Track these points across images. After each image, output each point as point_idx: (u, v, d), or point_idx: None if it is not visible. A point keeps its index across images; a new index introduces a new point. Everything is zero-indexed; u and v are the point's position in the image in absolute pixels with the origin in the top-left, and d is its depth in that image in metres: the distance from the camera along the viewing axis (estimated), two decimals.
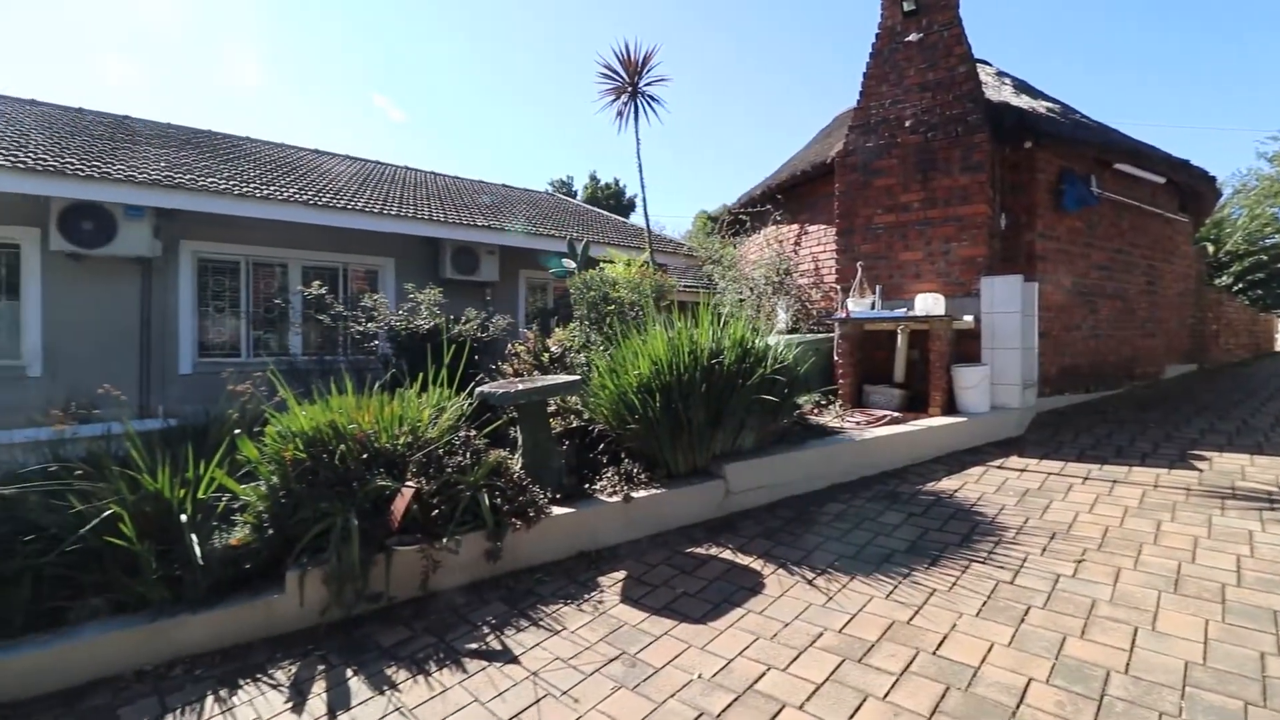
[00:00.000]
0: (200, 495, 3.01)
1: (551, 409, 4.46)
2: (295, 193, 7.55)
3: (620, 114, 7.43)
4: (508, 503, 3.32)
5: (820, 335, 6.64)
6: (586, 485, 3.84)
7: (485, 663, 2.48)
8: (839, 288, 6.72)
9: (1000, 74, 7.87)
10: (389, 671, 2.45)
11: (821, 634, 2.53)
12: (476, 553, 3.14)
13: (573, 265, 6.67)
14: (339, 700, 2.30)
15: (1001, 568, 3.03)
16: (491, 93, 79.18)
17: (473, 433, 3.78)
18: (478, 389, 3.99)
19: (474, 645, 2.61)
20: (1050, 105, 7.05)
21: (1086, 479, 4.32)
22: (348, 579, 2.83)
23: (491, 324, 6.20)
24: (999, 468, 4.71)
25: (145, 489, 2.91)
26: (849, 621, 2.61)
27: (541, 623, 2.76)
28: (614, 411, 4.11)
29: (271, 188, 7.47)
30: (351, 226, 7.67)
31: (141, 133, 8.79)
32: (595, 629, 2.69)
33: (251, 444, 3.18)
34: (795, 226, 8.49)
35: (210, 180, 7.06)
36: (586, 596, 2.99)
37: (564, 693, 2.26)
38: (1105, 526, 3.47)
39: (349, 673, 2.47)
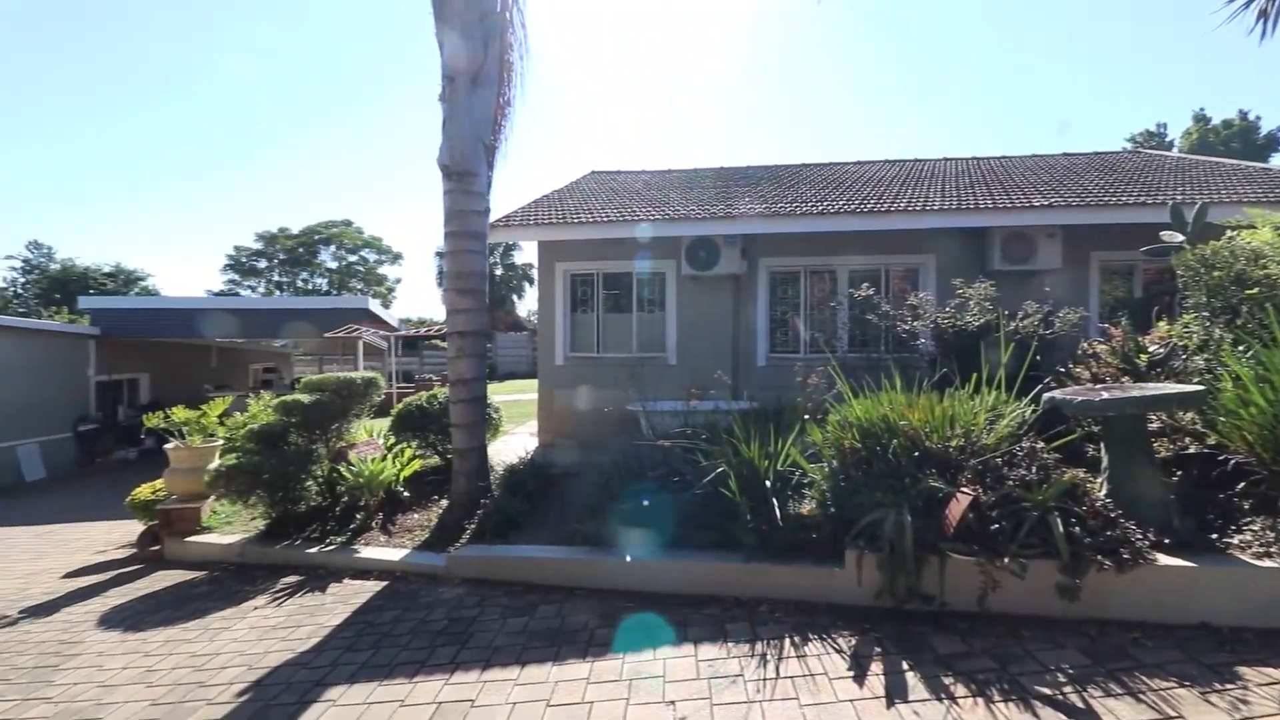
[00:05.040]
0: (779, 467, 3.64)
1: (1153, 426, 3.47)
2: (843, 205, 8.24)
3: (1263, 14, 5.13)
4: (1088, 534, 2.77)
5: None
6: (1215, 535, 2.84)
7: (1064, 717, 2.13)
8: None
9: None
10: (946, 680, 2.39)
11: None
12: (1045, 584, 2.73)
13: (1179, 238, 5.03)
14: (896, 688, 2.38)
15: None
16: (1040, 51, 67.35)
17: (1039, 445, 3.31)
18: (1043, 394, 3.46)
19: (1046, 690, 2.27)
20: None
21: None
22: (900, 571, 2.90)
23: (1056, 319, 5.29)
24: None
25: (743, 455, 3.70)
26: None
27: (1143, 697, 2.18)
28: (1264, 438, 2.92)
29: (824, 204, 8.36)
30: (891, 228, 7.84)
31: (731, 177, 11.24)
32: None
33: (817, 429, 3.63)
34: None
35: (780, 206, 8.46)
36: (1218, 687, 2.21)
37: None
38: None
39: (904, 664, 2.53)
